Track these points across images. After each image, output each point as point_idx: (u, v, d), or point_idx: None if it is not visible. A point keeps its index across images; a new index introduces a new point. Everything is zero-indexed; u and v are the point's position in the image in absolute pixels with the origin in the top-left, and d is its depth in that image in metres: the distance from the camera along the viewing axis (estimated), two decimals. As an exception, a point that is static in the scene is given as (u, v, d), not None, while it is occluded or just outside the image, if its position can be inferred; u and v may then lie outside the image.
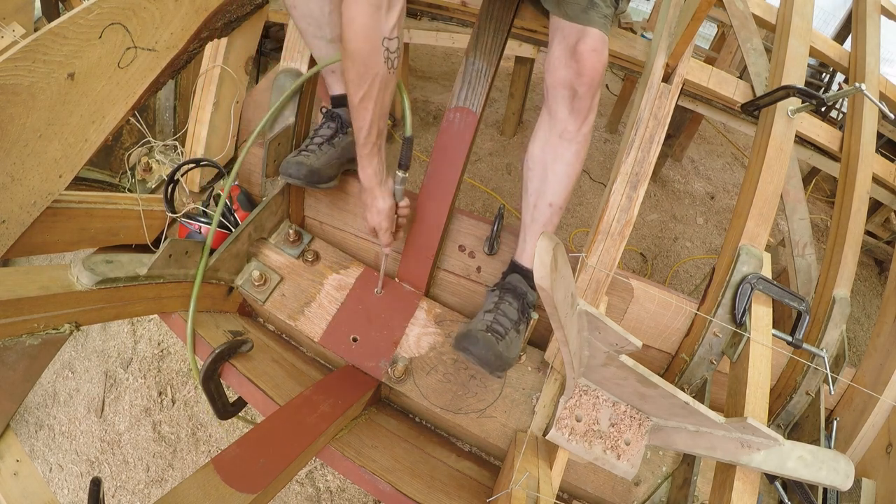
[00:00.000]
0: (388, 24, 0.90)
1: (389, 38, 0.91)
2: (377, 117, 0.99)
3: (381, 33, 0.90)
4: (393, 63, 0.94)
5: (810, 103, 1.20)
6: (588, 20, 0.99)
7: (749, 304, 1.08)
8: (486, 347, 1.03)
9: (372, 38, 0.90)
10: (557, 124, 1.07)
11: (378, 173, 1.07)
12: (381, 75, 0.94)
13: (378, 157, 1.05)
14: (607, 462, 0.85)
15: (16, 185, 0.91)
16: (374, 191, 1.09)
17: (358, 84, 0.94)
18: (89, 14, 0.90)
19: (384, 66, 0.93)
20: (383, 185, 1.09)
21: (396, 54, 0.94)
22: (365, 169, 1.06)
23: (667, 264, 2.88)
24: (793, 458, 0.77)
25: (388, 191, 1.10)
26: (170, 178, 1.28)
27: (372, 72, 0.93)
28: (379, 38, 0.90)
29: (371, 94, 0.96)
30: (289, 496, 1.75)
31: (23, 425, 1.93)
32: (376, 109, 0.98)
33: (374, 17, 0.88)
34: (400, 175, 1.11)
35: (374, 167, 1.06)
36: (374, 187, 1.08)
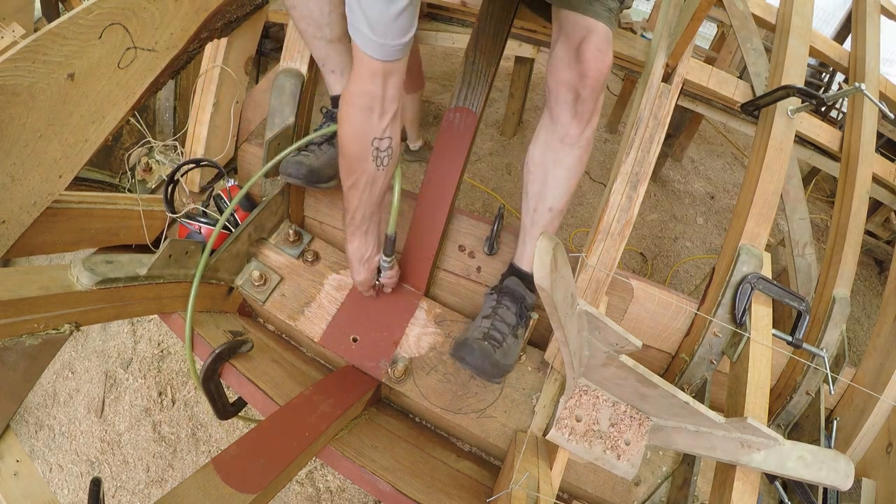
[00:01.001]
0: (379, 126, 0.93)
1: (380, 139, 0.94)
2: (363, 205, 1.03)
3: (372, 134, 0.93)
4: (382, 161, 0.98)
5: (810, 103, 1.20)
6: (593, 12, 0.96)
7: (749, 304, 1.08)
8: (482, 357, 1.04)
9: (361, 139, 0.94)
10: (559, 128, 1.05)
11: (358, 251, 1.12)
12: (368, 172, 0.98)
13: (360, 239, 1.10)
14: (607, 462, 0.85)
15: (16, 185, 0.92)
16: (353, 264, 1.15)
17: (347, 175, 1.00)
18: (89, 14, 0.90)
19: (372, 165, 0.97)
20: (363, 262, 1.14)
21: (387, 153, 0.97)
22: (348, 244, 1.12)
23: (667, 264, 2.88)
24: (793, 458, 0.77)
25: (367, 267, 1.15)
26: (170, 179, 1.28)
27: (360, 168, 0.97)
28: (368, 139, 0.94)
29: (357, 186, 1.00)
30: (289, 496, 1.75)
31: (23, 425, 1.93)
32: (363, 199, 1.02)
33: (365, 120, 0.91)
34: (384, 259, 1.16)
35: (354, 245, 1.11)
36: (352, 261, 1.14)
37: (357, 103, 0.90)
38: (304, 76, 1.37)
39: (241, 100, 1.46)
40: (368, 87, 0.88)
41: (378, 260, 1.16)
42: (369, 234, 1.10)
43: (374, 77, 0.87)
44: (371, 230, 1.10)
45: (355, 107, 0.90)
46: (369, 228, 1.09)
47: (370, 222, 1.08)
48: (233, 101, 1.43)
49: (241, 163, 1.53)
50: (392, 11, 0.77)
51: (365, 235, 1.09)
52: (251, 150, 1.51)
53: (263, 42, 3.46)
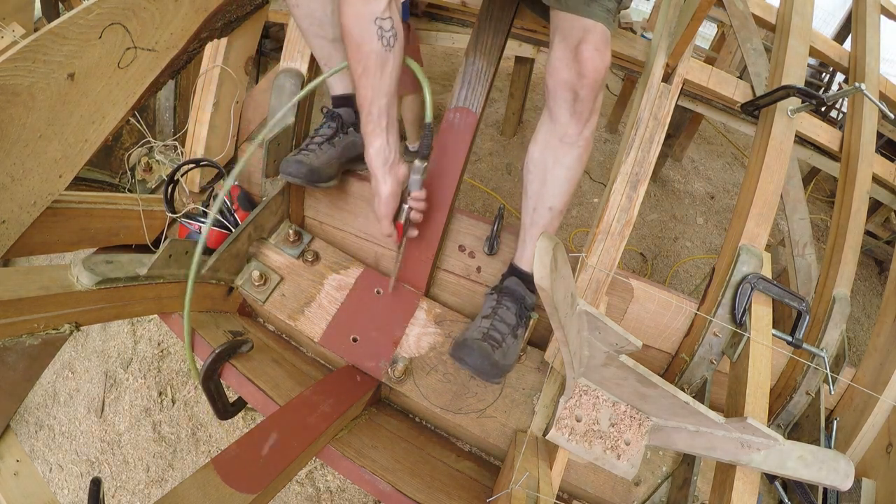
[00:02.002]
0: (380, 4, 0.92)
1: (382, 18, 0.93)
2: (377, 96, 0.98)
3: (374, 13, 0.92)
4: (389, 41, 0.95)
5: (810, 103, 1.20)
6: (590, 13, 0.97)
7: (749, 304, 1.08)
8: (481, 357, 1.03)
9: (364, 18, 0.92)
10: (558, 128, 1.05)
11: (380, 154, 1.02)
12: (375, 52, 0.94)
13: (381, 138, 1.01)
14: (607, 462, 0.85)
15: (16, 185, 0.92)
16: (376, 173, 1.04)
17: (356, 61, 0.96)
18: (89, 14, 0.90)
19: (378, 44, 0.94)
20: (387, 169, 1.03)
21: (392, 33, 0.95)
22: (368, 147, 1.02)
23: (667, 264, 2.88)
24: (793, 458, 0.77)
25: (392, 176, 1.04)
26: (170, 179, 1.28)
27: (366, 49, 0.94)
28: (371, 18, 0.92)
29: (368, 72, 0.96)
30: (289, 496, 1.75)
31: (23, 425, 1.93)
32: (376, 86, 0.97)
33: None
34: (417, 164, 1.06)
35: (375, 147, 1.02)
36: (375, 169, 1.03)
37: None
38: (304, 76, 1.37)
39: (241, 100, 1.46)
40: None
41: (404, 171, 1.05)
42: (391, 132, 1.01)
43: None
44: (392, 127, 1.01)
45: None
46: (389, 124, 1.01)
47: (389, 116, 1.00)
48: (233, 100, 1.43)
49: (241, 163, 1.53)
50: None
51: (386, 133, 1.01)
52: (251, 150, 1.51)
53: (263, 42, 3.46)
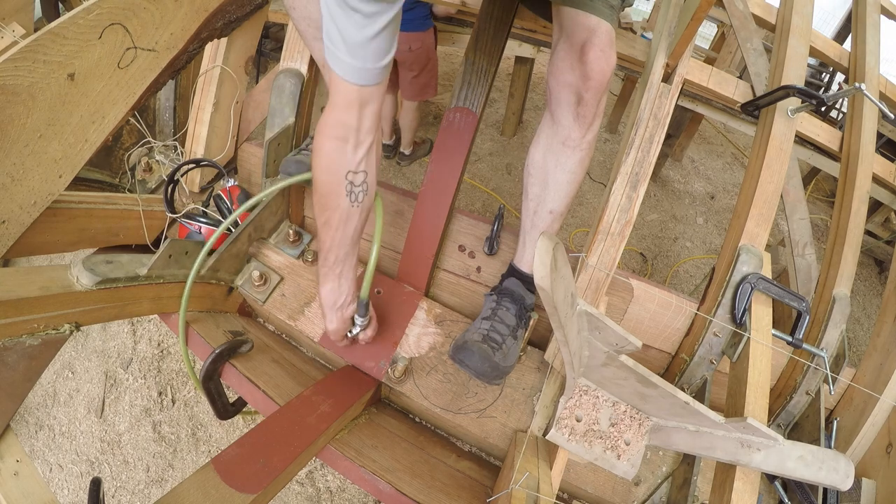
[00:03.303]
0: (355, 158, 0.89)
1: (354, 172, 0.91)
2: (336, 245, 0.98)
3: (346, 167, 0.90)
4: (357, 197, 0.93)
5: (810, 103, 1.20)
6: (595, 10, 0.95)
7: (749, 304, 1.08)
8: (481, 360, 1.03)
9: (335, 172, 0.90)
10: (561, 130, 1.04)
11: (331, 295, 1.04)
12: (341, 208, 0.93)
13: (333, 283, 1.02)
14: (607, 462, 0.85)
15: (16, 185, 0.92)
16: (325, 311, 1.06)
17: (320, 211, 0.95)
18: (89, 14, 0.90)
19: (346, 200, 0.93)
20: (336, 309, 1.05)
21: (362, 189, 0.93)
22: (320, 287, 1.04)
23: (667, 264, 2.88)
24: (793, 457, 0.77)
25: (340, 316, 1.07)
26: (170, 179, 1.28)
27: (333, 203, 0.93)
28: (342, 172, 0.90)
29: (331, 224, 0.95)
30: (289, 496, 1.75)
31: (23, 425, 1.93)
32: (336, 239, 0.97)
33: (339, 150, 0.88)
34: (358, 320, 1.10)
35: (327, 289, 1.03)
36: (324, 307, 1.06)
37: (331, 134, 0.87)
38: (304, 76, 1.37)
39: (241, 100, 1.46)
40: (343, 118, 0.85)
41: (352, 310, 1.09)
42: (343, 278, 1.03)
43: (349, 106, 0.84)
44: (346, 274, 1.03)
45: (329, 137, 0.87)
46: (343, 271, 1.02)
47: (344, 265, 1.02)
48: (233, 101, 1.43)
49: (241, 163, 1.53)
50: (369, 32, 0.75)
51: (339, 279, 1.02)
52: (251, 150, 1.51)
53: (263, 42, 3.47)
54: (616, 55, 0.98)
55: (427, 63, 2.56)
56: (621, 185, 1.09)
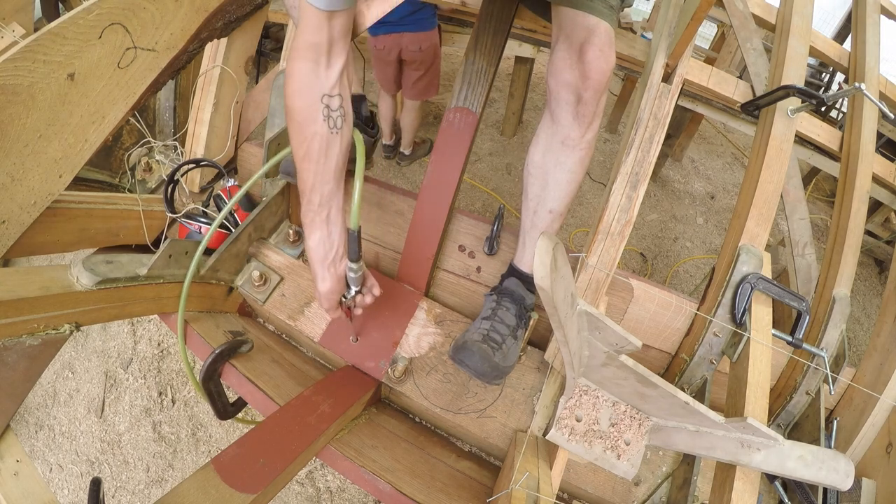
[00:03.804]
0: (328, 80, 0.87)
1: (330, 95, 0.87)
2: (319, 182, 0.90)
3: (320, 90, 0.86)
4: (336, 122, 0.89)
5: (810, 103, 1.20)
6: (594, 10, 0.95)
7: (749, 304, 1.08)
8: (482, 360, 1.03)
9: (309, 95, 0.86)
10: (560, 130, 1.04)
11: (320, 247, 0.93)
12: (319, 135, 0.88)
13: (322, 230, 0.92)
14: (607, 462, 0.85)
15: (16, 185, 0.92)
16: (315, 268, 0.95)
17: (298, 142, 0.89)
18: (89, 14, 0.90)
19: (323, 125, 0.88)
20: (326, 265, 0.94)
21: (339, 113, 0.89)
22: (306, 240, 0.94)
23: (667, 264, 2.88)
24: (793, 457, 0.77)
25: (332, 272, 0.95)
26: (170, 179, 1.28)
27: (310, 130, 0.87)
28: (317, 95, 0.86)
29: (310, 155, 0.88)
30: (289, 496, 1.75)
31: (23, 425, 1.93)
32: (319, 172, 0.89)
33: (312, 71, 0.85)
34: (350, 265, 0.97)
35: (315, 240, 0.93)
36: (314, 263, 0.95)
37: (302, 56, 0.84)
38: (304, 76, 1.36)
39: (241, 100, 1.46)
40: (313, 39, 0.83)
41: (345, 266, 0.97)
42: (332, 224, 0.93)
43: (319, 29, 0.82)
44: (334, 219, 0.93)
45: (300, 59, 0.85)
46: (331, 215, 0.92)
47: (331, 206, 0.92)
48: (233, 101, 1.43)
49: (241, 163, 1.53)
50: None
51: (327, 224, 0.92)
52: (251, 150, 1.51)
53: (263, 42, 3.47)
54: (615, 55, 0.98)
55: (433, 62, 2.57)
56: (621, 185, 1.09)
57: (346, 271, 0.98)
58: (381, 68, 2.63)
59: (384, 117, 2.99)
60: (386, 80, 2.69)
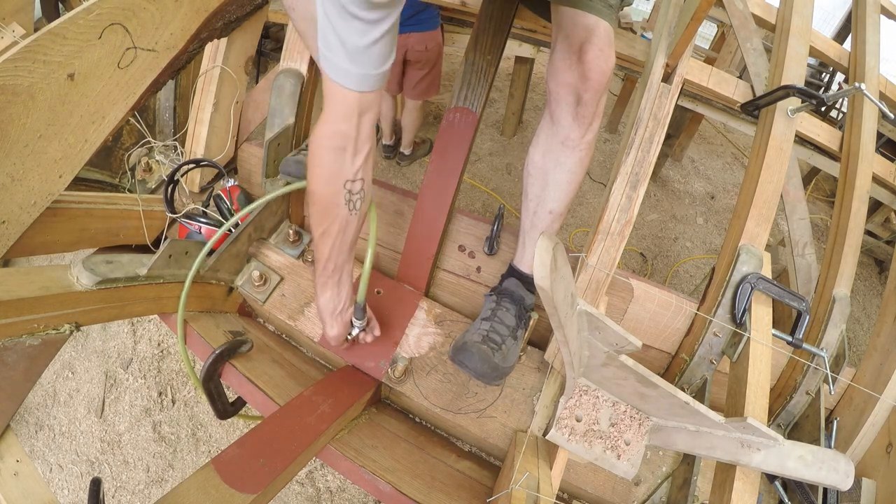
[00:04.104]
0: (352, 167, 0.89)
1: (352, 181, 0.90)
2: (335, 253, 0.98)
3: (344, 176, 0.89)
4: (355, 205, 0.93)
5: (810, 103, 1.20)
6: (594, 9, 0.94)
7: (749, 304, 1.08)
8: (481, 361, 1.03)
9: (333, 182, 0.89)
10: (560, 131, 1.03)
11: (331, 303, 1.05)
12: (341, 217, 0.93)
13: (333, 290, 1.03)
14: (607, 462, 0.85)
15: (16, 185, 0.92)
16: (324, 319, 1.07)
17: (318, 222, 0.94)
18: (89, 14, 0.90)
19: (345, 209, 0.93)
20: (336, 316, 1.07)
21: (360, 196, 0.93)
22: (319, 297, 1.05)
23: (667, 264, 2.88)
24: (793, 457, 0.77)
25: (340, 321, 1.08)
26: (170, 179, 1.28)
27: (332, 214, 0.92)
28: (341, 182, 0.89)
29: (330, 233, 0.95)
30: (289, 496, 1.75)
31: (23, 425, 1.93)
32: (335, 247, 0.97)
33: (338, 160, 0.87)
34: (356, 322, 1.11)
35: (326, 297, 1.04)
36: (323, 315, 1.07)
37: (329, 145, 0.86)
38: (304, 76, 1.37)
39: (241, 100, 1.46)
40: (342, 127, 0.84)
41: (351, 313, 1.10)
42: (342, 285, 1.04)
43: (349, 115, 0.82)
44: (344, 280, 1.04)
45: (327, 148, 0.86)
46: (342, 278, 1.03)
47: (343, 271, 1.02)
48: (233, 101, 1.43)
49: (241, 163, 1.53)
50: (371, 38, 0.73)
51: (338, 286, 1.03)
52: (251, 150, 1.51)
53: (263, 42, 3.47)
54: (615, 55, 0.97)
55: (436, 62, 2.58)
56: (621, 185, 1.09)
57: (351, 318, 1.10)
58: None
59: (385, 117, 2.99)
60: (389, 80, 2.69)
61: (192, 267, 1.13)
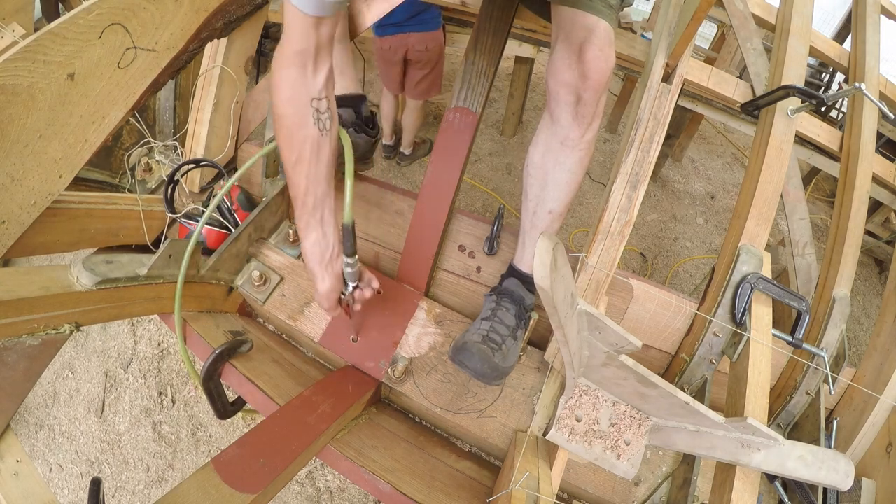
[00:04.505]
0: (315, 84, 0.88)
1: (318, 99, 0.89)
2: (313, 182, 0.92)
3: (310, 94, 0.88)
4: (325, 124, 0.91)
5: (810, 103, 1.21)
6: (593, 9, 0.94)
7: (749, 304, 1.08)
8: (481, 361, 1.03)
9: (299, 101, 0.88)
10: (560, 130, 1.03)
11: (316, 248, 0.95)
12: (311, 137, 0.90)
13: (317, 231, 0.95)
14: (607, 462, 0.85)
15: (16, 185, 0.92)
16: (312, 269, 0.97)
17: (289, 148, 0.90)
18: (89, 14, 0.90)
19: (314, 128, 0.90)
20: (324, 265, 0.97)
21: (328, 115, 0.91)
22: (303, 242, 0.96)
23: (667, 264, 2.88)
24: (793, 457, 0.77)
25: (330, 272, 0.97)
26: (170, 179, 1.28)
27: (301, 134, 0.89)
28: (306, 100, 0.88)
29: (303, 158, 0.90)
30: (289, 496, 1.75)
31: (23, 425, 1.93)
32: (311, 174, 0.92)
33: (300, 77, 0.86)
34: (346, 260, 0.99)
35: (310, 241, 0.95)
36: (311, 264, 0.97)
37: (290, 64, 0.85)
38: (304, 76, 1.36)
39: (241, 100, 1.46)
40: (301, 46, 0.84)
41: (342, 263, 0.99)
42: (326, 224, 0.95)
43: (306, 36, 0.83)
44: (327, 218, 0.95)
45: (288, 68, 0.86)
46: (325, 216, 0.95)
47: (324, 207, 0.94)
48: (233, 101, 1.43)
49: (241, 163, 1.53)
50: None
51: (321, 225, 0.94)
52: (251, 150, 1.51)
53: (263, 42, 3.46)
54: (615, 55, 0.97)
55: (437, 62, 2.58)
56: (621, 185, 1.09)
57: (342, 268, 1.00)
58: (385, 68, 2.63)
59: (386, 117, 2.99)
60: (390, 80, 2.69)
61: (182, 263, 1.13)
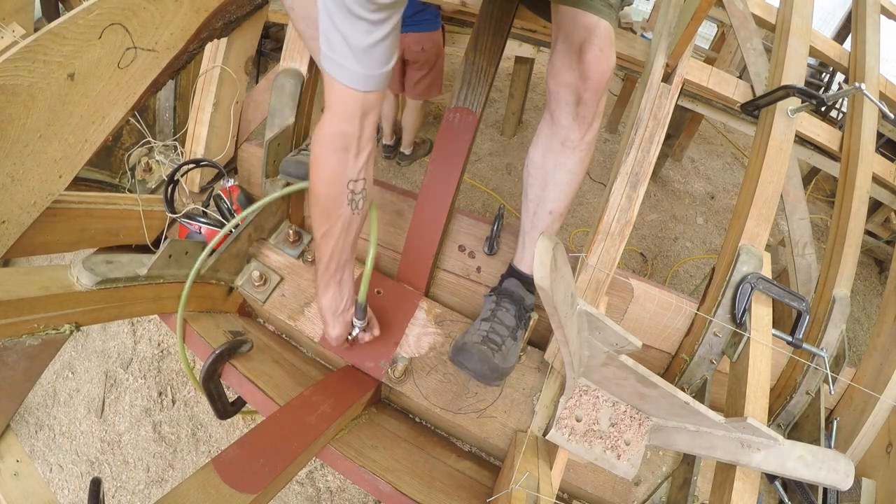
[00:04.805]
0: (355, 167, 0.89)
1: (355, 181, 0.91)
2: (337, 253, 0.98)
3: (347, 176, 0.89)
4: (357, 204, 0.94)
5: (810, 103, 1.20)
6: (594, 8, 0.94)
7: (749, 304, 1.08)
8: (481, 362, 1.03)
9: (337, 182, 0.90)
10: (560, 131, 1.03)
11: (333, 303, 1.05)
12: (343, 217, 0.94)
13: (335, 289, 1.03)
14: (607, 462, 0.85)
15: (16, 185, 0.92)
16: (326, 319, 1.08)
17: (321, 222, 0.95)
18: (89, 14, 0.90)
19: (347, 209, 0.93)
20: (338, 315, 1.07)
21: (362, 195, 0.94)
22: (320, 297, 1.05)
23: (667, 264, 2.88)
24: (793, 457, 0.77)
25: (342, 321, 1.08)
26: (170, 179, 1.28)
27: (335, 213, 0.93)
28: (344, 182, 0.90)
29: (332, 233, 0.95)
30: (289, 496, 1.75)
31: (23, 425, 1.93)
32: (337, 247, 0.97)
33: (341, 161, 0.87)
34: (357, 323, 1.11)
35: (328, 297, 1.04)
36: (325, 315, 1.07)
37: (332, 145, 0.86)
38: (304, 76, 1.37)
39: (241, 100, 1.46)
40: (345, 128, 0.84)
41: (352, 313, 1.11)
42: (344, 284, 1.04)
43: (352, 115, 0.83)
44: (346, 280, 1.04)
45: (331, 149, 0.86)
46: (344, 278, 1.03)
47: (345, 271, 1.03)
48: (233, 101, 1.43)
49: (241, 163, 1.53)
50: (375, 38, 0.73)
51: (339, 286, 1.03)
52: (251, 150, 1.51)
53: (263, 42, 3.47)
54: (615, 55, 0.97)
55: (436, 62, 2.58)
56: (621, 185, 1.09)
57: (352, 318, 1.11)
58: None
59: (386, 117, 2.99)
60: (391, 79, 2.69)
61: (193, 268, 1.13)
